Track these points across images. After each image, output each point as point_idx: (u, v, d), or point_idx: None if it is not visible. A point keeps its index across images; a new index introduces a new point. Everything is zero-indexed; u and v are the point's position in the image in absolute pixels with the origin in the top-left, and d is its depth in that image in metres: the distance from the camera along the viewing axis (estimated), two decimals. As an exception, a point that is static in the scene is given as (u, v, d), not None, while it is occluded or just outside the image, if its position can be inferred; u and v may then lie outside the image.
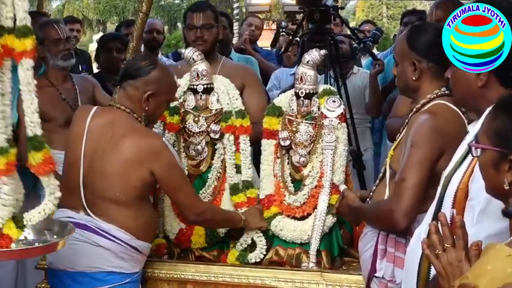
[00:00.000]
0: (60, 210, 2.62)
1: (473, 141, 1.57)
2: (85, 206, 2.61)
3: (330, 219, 2.85)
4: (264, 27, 7.08)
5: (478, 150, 1.55)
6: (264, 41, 7.34)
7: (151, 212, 2.76)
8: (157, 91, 2.66)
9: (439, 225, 1.53)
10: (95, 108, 2.75)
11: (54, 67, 3.43)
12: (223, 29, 4.43)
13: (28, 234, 2.30)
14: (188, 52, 3.05)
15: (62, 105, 3.25)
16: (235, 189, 3.03)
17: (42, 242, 2.27)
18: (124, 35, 4.61)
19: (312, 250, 2.85)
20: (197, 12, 3.22)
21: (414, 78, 2.34)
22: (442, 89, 2.29)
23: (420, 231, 1.95)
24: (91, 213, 2.60)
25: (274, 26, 9.69)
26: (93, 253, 2.59)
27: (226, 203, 3.07)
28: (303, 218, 2.93)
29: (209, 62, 3.13)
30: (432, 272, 1.78)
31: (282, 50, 5.53)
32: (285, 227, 2.91)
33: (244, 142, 3.05)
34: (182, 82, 3.10)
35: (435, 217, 1.84)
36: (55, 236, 2.31)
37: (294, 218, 2.93)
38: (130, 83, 2.66)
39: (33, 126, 1.99)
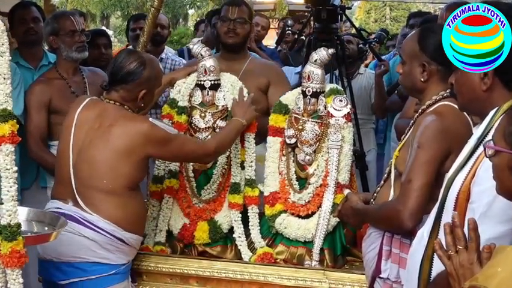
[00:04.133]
0: (51, 201, 2.68)
1: (488, 142, 1.56)
2: (76, 196, 2.60)
3: (334, 218, 2.84)
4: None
5: (492, 150, 1.54)
6: (269, 40, 7.34)
7: (140, 203, 2.72)
8: (150, 87, 2.74)
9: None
10: (88, 99, 2.77)
11: (66, 59, 3.42)
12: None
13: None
14: (197, 48, 3.06)
15: (71, 98, 3.22)
16: (234, 189, 3.03)
17: (34, 233, 2.28)
18: (132, 29, 4.61)
19: (316, 248, 2.85)
20: (233, 6, 3.33)
21: (422, 80, 2.33)
22: (448, 91, 2.27)
23: (423, 233, 1.94)
24: (81, 203, 2.59)
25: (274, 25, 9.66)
26: (77, 243, 2.57)
27: (230, 199, 3.08)
28: (307, 216, 2.93)
29: (238, 57, 3.31)
30: (433, 273, 1.79)
31: (282, 48, 5.54)
32: (290, 225, 2.92)
33: (249, 140, 3.05)
34: (190, 79, 3.12)
35: (438, 219, 1.85)
36: (46, 228, 2.32)
37: (299, 216, 2.94)
38: (123, 87, 2.69)
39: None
